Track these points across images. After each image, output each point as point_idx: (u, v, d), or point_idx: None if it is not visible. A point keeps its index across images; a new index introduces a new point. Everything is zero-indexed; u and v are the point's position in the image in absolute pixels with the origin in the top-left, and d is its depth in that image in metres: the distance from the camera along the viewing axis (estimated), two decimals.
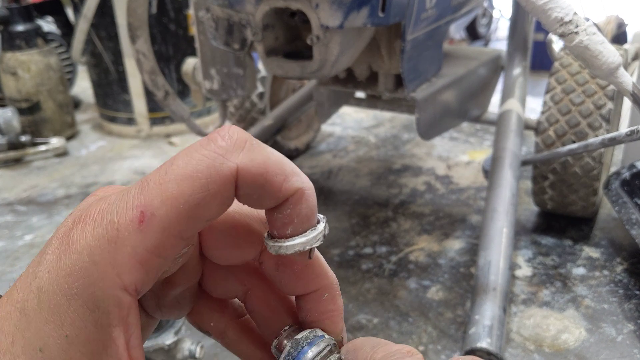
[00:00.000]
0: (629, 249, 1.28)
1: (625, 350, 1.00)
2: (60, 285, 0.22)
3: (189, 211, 0.22)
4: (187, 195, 0.22)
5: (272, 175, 0.23)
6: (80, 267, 0.22)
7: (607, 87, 1.21)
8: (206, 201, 0.22)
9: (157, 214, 0.22)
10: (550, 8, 0.77)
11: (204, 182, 0.22)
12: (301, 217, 0.25)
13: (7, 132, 1.97)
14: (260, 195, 0.24)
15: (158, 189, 0.22)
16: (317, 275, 0.27)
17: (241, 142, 0.23)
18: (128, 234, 0.22)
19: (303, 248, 0.25)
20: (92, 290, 0.22)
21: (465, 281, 1.20)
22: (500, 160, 1.16)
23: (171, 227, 0.22)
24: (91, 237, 0.22)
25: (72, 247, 0.22)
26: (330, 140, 2.03)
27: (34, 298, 0.23)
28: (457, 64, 1.31)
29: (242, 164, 0.23)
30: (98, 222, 0.23)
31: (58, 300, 0.22)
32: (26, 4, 2.17)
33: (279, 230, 0.25)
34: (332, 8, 0.87)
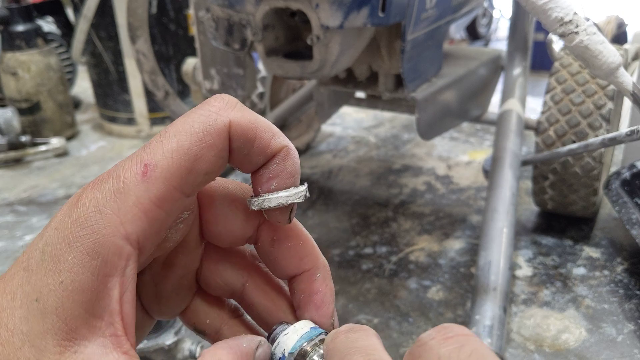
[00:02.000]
0: (629, 249, 1.28)
1: (625, 350, 1.00)
2: (64, 235, 0.23)
3: (188, 162, 0.24)
4: (186, 147, 0.24)
5: (262, 131, 0.26)
6: (85, 216, 0.23)
7: (607, 87, 1.21)
8: (203, 153, 0.24)
9: (160, 165, 0.24)
10: (550, 8, 0.77)
11: (201, 135, 0.24)
12: (286, 172, 0.26)
13: (7, 132, 1.98)
14: (250, 150, 0.25)
15: (159, 144, 0.24)
16: (310, 254, 0.29)
17: (233, 103, 0.26)
18: (133, 184, 0.23)
19: (285, 201, 0.26)
20: (94, 238, 0.23)
21: (466, 281, 1.20)
22: (501, 160, 1.16)
23: (172, 177, 0.24)
24: (98, 191, 0.24)
25: (81, 202, 0.23)
26: (330, 140, 2.03)
27: (38, 253, 0.23)
28: (457, 64, 1.31)
29: (234, 118, 0.25)
30: (105, 179, 0.24)
31: (60, 249, 0.23)
32: (26, 4, 2.16)
33: (263, 186, 0.26)
34: (332, 8, 0.87)
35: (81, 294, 0.23)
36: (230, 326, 0.31)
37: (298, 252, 0.29)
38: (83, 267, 0.23)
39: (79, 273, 0.23)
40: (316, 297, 0.29)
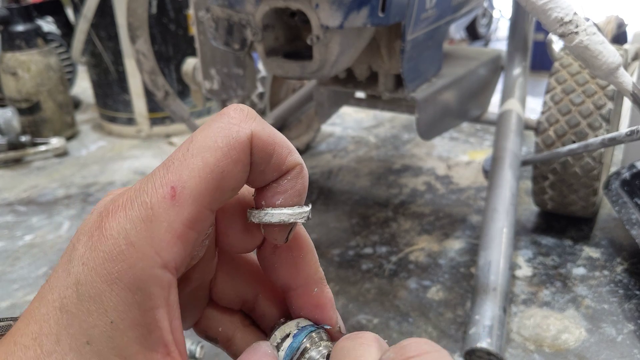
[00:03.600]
0: (629, 249, 1.28)
1: (625, 351, 1.00)
2: (99, 273, 0.22)
3: (216, 180, 0.23)
4: (212, 165, 0.23)
5: (280, 146, 0.25)
6: (117, 251, 0.22)
7: (607, 87, 1.21)
8: (230, 168, 0.23)
9: (187, 186, 0.23)
10: (550, 8, 0.77)
11: (225, 150, 0.23)
12: (295, 190, 0.26)
13: (7, 132, 1.98)
14: (266, 166, 0.25)
15: (184, 164, 0.23)
16: (309, 268, 0.28)
17: (252, 114, 0.25)
18: (162, 210, 0.22)
19: (288, 219, 0.26)
20: (132, 273, 0.22)
21: (466, 281, 1.20)
22: (501, 160, 1.16)
23: (202, 197, 0.23)
24: (125, 221, 0.22)
25: (107, 234, 0.22)
26: (330, 140, 2.03)
27: (72, 293, 0.22)
28: (457, 64, 1.31)
29: (255, 130, 0.24)
30: (129, 207, 0.23)
31: (99, 288, 0.22)
32: (26, 4, 2.17)
33: (269, 200, 0.26)
34: (332, 8, 0.87)
35: (133, 330, 0.22)
36: (243, 334, 0.30)
37: (297, 264, 0.28)
38: (129, 304, 0.22)
39: (126, 311, 0.22)
40: (316, 311, 0.29)
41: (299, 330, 0.28)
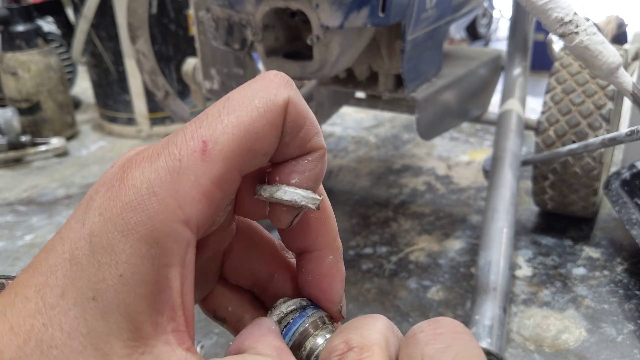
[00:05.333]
0: (629, 249, 1.28)
1: (625, 351, 1.00)
2: (115, 223, 0.21)
3: (250, 141, 0.22)
4: (247, 124, 0.22)
5: (311, 123, 0.24)
6: (138, 200, 0.21)
7: (607, 87, 1.21)
8: (265, 130, 0.22)
9: (220, 142, 0.22)
10: (550, 8, 0.77)
11: (262, 111, 0.22)
12: (313, 173, 0.25)
13: (7, 132, 1.98)
14: (293, 138, 0.24)
15: (217, 120, 0.22)
16: (328, 233, 0.27)
17: (291, 82, 0.24)
18: (191, 163, 0.21)
19: (300, 200, 0.24)
20: (151, 224, 0.21)
21: (466, 281, 1.20)
22: (501, 160, 1.16)
23: (233, 157, 0.22)
24: (149, 171, 0.21)
25: (128, 184, 0.21)
26: (330, 140, 2.03)
27: (85, 244, 0.21)
28: (457, 64, 1.31)
29: (292, 98, 0.23)
30: (155, 158, 0.22)
31: (112, 238, 0.21)
32: (26, 4, 2.17)
33: (284, 176, 0.24)
34: (332, 8, 0.87)
35: (143, 287, 0.21)
36: (253, 316, 0.29)
37: (315, 228, 0.27)
38: (142, 257, 0.21)
39: (138, 264, 0.21)
40: (325, 280, 0.27)
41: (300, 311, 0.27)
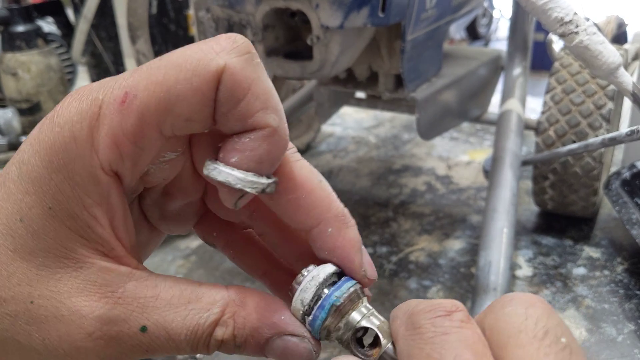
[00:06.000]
0: (629, 249, 1.28)
1: (625, 350, 1.00)
2: (42, 157, 0.22)
3: (169, 101, 0.22)
4: (169, 83, 0.22)
5: (254, 95, 0.22)
6: (61, 141, 0.22)
7: (608, 87, 1.21)
8: (187, 94, 0.22)
9: (139, 97, 0.22)
10: (550, 8, 0.77)
11: (189, 74, 0.21)
12: (255, 154, 0.23)
13: (8, 132, 1.98)
14: (231, 110, 0.22)
15: (147, 73, 0.22)
16: (317, 206, 0.26)
17: (242, 49, 0.22)
18: (109, 112, 0.22)
19: (234, 183, 0.23)
20: (72, 167, 0.22)
21: (466, 281, 1.20)
22: (501, 160, 1.16)
23: (149, 114, 0.22)
24: (75, 112, 0.22)
25: (56, 121, 0.22)
26: (330, 140, 2.03)
27: (14, 169, 0.23)
28: (457, 64, 1.31)
29: (230, 65, 0.22)
30: (84, 98, 0.22)
31: (39, 172, 0.22)
32: (26, 5, 2.17)
33: (225, 155, 0.23)
34: (332, 8, 0.87)
35: (71, 221, 0.22)
36: (238, 239, 0.29)
37: (302, 206, 0.26)
38: (67, 195, 0.22)
39: (64, 201, 0.22)
40: (335, 253, 0.26)
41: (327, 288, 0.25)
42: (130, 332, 0.23)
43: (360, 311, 0.25)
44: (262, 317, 0.24)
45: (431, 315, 0.22)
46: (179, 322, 0.23)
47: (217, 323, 0.24)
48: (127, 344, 0.23)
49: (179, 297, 0.24)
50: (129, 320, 0.23)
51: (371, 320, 0.25)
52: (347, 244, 0.26)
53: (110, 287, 0.23)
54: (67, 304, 0.22)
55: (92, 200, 0.22)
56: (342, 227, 0.26)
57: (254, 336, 0.24)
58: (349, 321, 0.25)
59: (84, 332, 0.22)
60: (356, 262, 0.26)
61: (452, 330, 0.21)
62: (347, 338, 0.25)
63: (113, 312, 0.23)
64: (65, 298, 0.22)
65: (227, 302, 0.24)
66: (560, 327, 0.21)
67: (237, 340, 0.24)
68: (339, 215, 0.26)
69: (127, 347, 0.23)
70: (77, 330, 0.22)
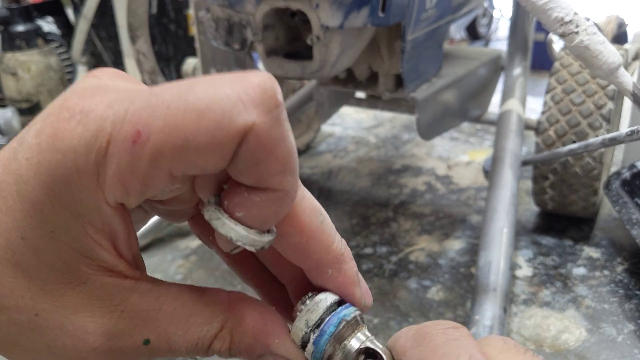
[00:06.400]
0: (629, 249, 1.28)
1: (625, 351, 1.00)
2: (42, 183, 0.21)
3: (185, 151, 0.20)
4: (189, 131, 0.19)
5: (275, 158, 0.21)
6: (62, 171, 0.20)
7: (608, 87, 1.21)
8: (207, 148, 0.20)
9: (153, 139, 0.20)
10: (550, 8, 0.77)
11: (212, 126, 0.19)
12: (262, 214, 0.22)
13: (8, 132, 1.98)
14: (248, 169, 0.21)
15: (163, 113, 0.20)
16: (317, 250, 0.25)
17: (272, 103, 0.20)
18: (117, 150, 0.20)
19: (235, 239, 0.22)
20: (74, 199, 0.21)
21: (466, 281, 1.20)
22: (501, 161, 1.16)
23: (162, 160, 0.20)
24: (78, 140, 0.20)
25: (57, 145, 0.20)
26: (330, 140, 2.03)
27: (12, 183, 0.21)
28: (457, 64, 1.31)
29: (258, 125, 0.20)
30: (90, 125, 0.20)
31: (40, 198, 0.21)
32: (26, 5, 2.17)
33: (231, 206, 0.22)
34: (332, 8, 0.87)
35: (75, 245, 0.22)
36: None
37: (303, 250, 0.26)
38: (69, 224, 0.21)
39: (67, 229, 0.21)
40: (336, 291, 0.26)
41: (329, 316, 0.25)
42: (133, 345, 0.24)
43: (360, 337, 0.25)
44: (258, 337, 0.25)
45: (441, 327, 0.23)
46: (180, 336, 0.24)
47: (216, 337, 0.25)
48: (130, 355, 0.24)
49: (181, 309, 0.24)
50: (133, 335, 0.23)
51: (374, 342, 0.25)
52: (347, 280, 0.27)
53: (113, 301, 0.23)
54: (71, 319, 0.22)
55: (95, 228, 0.22)
56: (341, 267, 0.26)
57: (248, 351, 0.25)
58: (350, 345, 0.25)
59: (89, 347, 0.23)
60: (356, 296, 0.27)
61: (463, 338, 0.22)
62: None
63: (117, 327, 0.23)
64: (70, 313, 0.22)
65: (227, 317, 0.25)
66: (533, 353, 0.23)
67: (232, 352, 0.25)
68: (338, 256, 0.26)
69: (130, 357, 0.24)
70: (82, 344, 0.23)
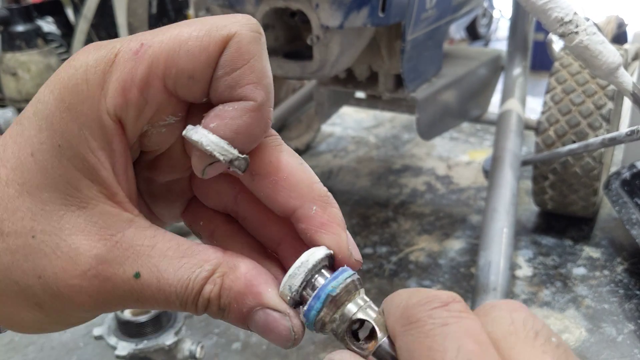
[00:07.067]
0: (629, 249, 1.28)
1: (625, 350, 1.00)
2: (55, 96, 0.23)
3: (177, 54, 0.23)
4: (182, 39, 0.23)
5: (250, 68, 0.24)
6: (74, 82, 0.23)
7: (607, 87, 1.21)
8: (194, 51, 0.23)
9: (152, 47, 0.23)
10: (550, 8, 0.77)
11: (202, 34, 0.23)
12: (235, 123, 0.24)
13: None
14: (225, 75, 0.24)
15: (165, 29, 0.24)
16: (297, 188, 0.26)
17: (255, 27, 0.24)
18: (122, 59, 0.23)
19: (206, 146, 0.23)
20: (80, 107, 0.23)
21: (466, 281, 1.20)
22: (501, 160, 1.16)
23: (158, 63, 0.23)
24: (92, 58, 0.23)
25: (72, 64, 0.23)
26: (330, 140, 2.03)
27: (30, 108, 0.24)
28: (457, 64, 1.31)
29: (240, 34, 0.23)
30: (103, 47, 0.24)
31: (51, 110, 0.23)
32: (26, 5, 2.17)
33: (207, 120, 0.24)
34: (332, 8, 0.87)
35: (77, 160, 0.23)
36: (223, 231, 0.29)
37: (284, 187, 0.26)
38: (75, 135, 0.23)
39: (72, 141, 0.23)
40: (320, 231, 0.26)
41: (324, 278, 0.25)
42: (124, 276, 0.23)
43: (356, 303, 0.24)
44: (249, 285, 0.24)
45: (427, 307, 0.21)
46: (171, 273, 0.24)
47: (207, 280, 0.24)
48: (119, 288, 0.24)
49: (174, 249, 0.24)
50: (124, 265, 0.23)
51: (367, 312, 0.24)
52: (333, 220, 0.26)
53: (110, 230, 0.24)
54: (67, 241, 0.23)
55: (97, 143, 0.23)
56: (326, 206, 0.26)
57: (238, 301, 0.24)
58: (345, 313, 0.24)
59: (80, 270, 0.23)
60: (343, 238, 0.26)
61: (451, 320, 0.21)
62: (342, 331, 0.24)
63: (110, 254, 0.23)
64: (66, 235, 0.23)
65: (220, 262, 0.24)
66: (547, 329, 0.21)
67: (221, 301, 0.24)
68: (322, 195, 0.26)
69: (119, 292, 0.24)
70: (73, 266, 0.23)
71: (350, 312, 0.24)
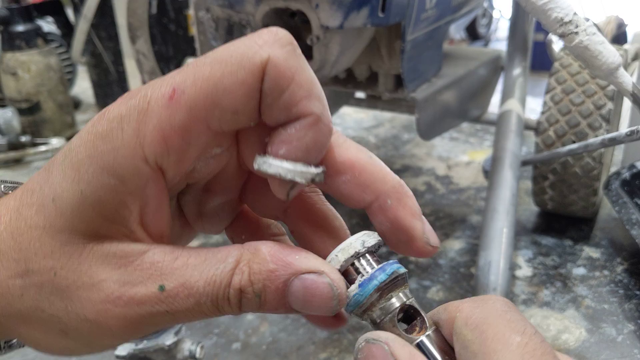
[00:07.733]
0: (629, 249, 1.28)
1: (625, 351, 1.00)
2: (86, 145, 0.23)
3: (216, 95, 0.22)
4: (216, 78, 0.22)
5: (297, 85, 0.23)
6: (108, 131, 0.23)
7: (607, 87, 1.21)
8: (233, 88, 0.22)
9: (187, 92, 0.23)
10: (550, 8, 0.77)
11: (235, 68, 0.22)
12: (301, 143, 0.23)
13: (7, 132, 1.98)
14: (275, 100, 0.23)
15: (193, 70, 0.23)
16: (371, 183, 0.26)
17: (284, 41, 0.23)
18: (157, 107, 0.23)
19: (285, 175, 0.23)
20: (113, 155, 0.23)
21: (466, 281, 1.20)
22: (501, 161, 1.16)
23: (197, 108, 0.23)
24: (124, 108, 0.23)
25: (105, 116, 0.24)
26: None
27: (61, 156, 0.24)
28: (457, 64, 1.31)
29: (274, 57, 0.22)
30: (132, 97, 0.24)
31: (80, 158, 0.23)
32: (26, 5, 2.17)
33: (273, 147, 0.24)
34: (332, 8, 0.87)
35: (100, 206, 0.23)
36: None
37: (358, 184, 0.26)
38: (102, 182, 0.23)
39: (98, 187, 0.23)
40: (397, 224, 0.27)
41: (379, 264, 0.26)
42: (148, 292, 0.23)
43: (405, 294, 0.25)
44: (276, 260, 0.24)
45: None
46: (196, 276, 0.24)
47: (234, 272, 0.24)
48: (146, 304, 0.23)
49: (195, 256, 0.24)
50: (147, 282, 0.24)
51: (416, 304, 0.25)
52: (408, 212, 0.26)
53: (128, 258, 0.24)
54: (88, 273, 0.24)
55: (127, 189, 0.23)
56: (401, 197, 0.26)
57: (271, 280, 0.24)
58: (391, 303, 0.25)
59: (103, 294, 0.23)
60: (418, 229, 0.27)
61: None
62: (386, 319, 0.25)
63: (130, 276, 0.24)
64: (86, 268, 0.24)
65: (242, 252, 0.24)
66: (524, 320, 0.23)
67: (254, 287, 0.24)
68: (396, 186, 0.26)
69: (147, 308, 0.23)
70: (97, 293, 0.24)
71: (401, 300, 0.25)
